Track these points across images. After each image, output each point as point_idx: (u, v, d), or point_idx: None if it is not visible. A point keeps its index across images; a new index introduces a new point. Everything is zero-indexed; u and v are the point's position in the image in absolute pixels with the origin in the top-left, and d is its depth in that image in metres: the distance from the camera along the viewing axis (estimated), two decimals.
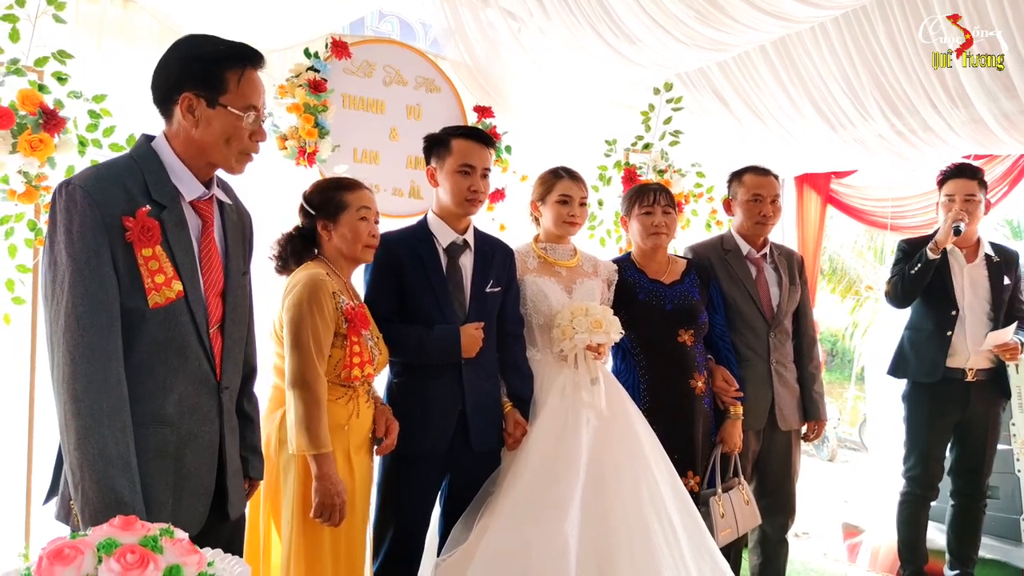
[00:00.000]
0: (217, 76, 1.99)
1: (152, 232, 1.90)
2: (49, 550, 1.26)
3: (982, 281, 4.09)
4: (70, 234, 1.84)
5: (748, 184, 3.70)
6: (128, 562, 1.25)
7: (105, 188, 1.89)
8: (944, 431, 4.14)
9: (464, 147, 3.02)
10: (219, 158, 2.04)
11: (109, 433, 1.82)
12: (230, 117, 2.00)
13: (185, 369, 1.99)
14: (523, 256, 3.29)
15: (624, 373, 3.45)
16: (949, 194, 4.04)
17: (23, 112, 2.99)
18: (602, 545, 2.82)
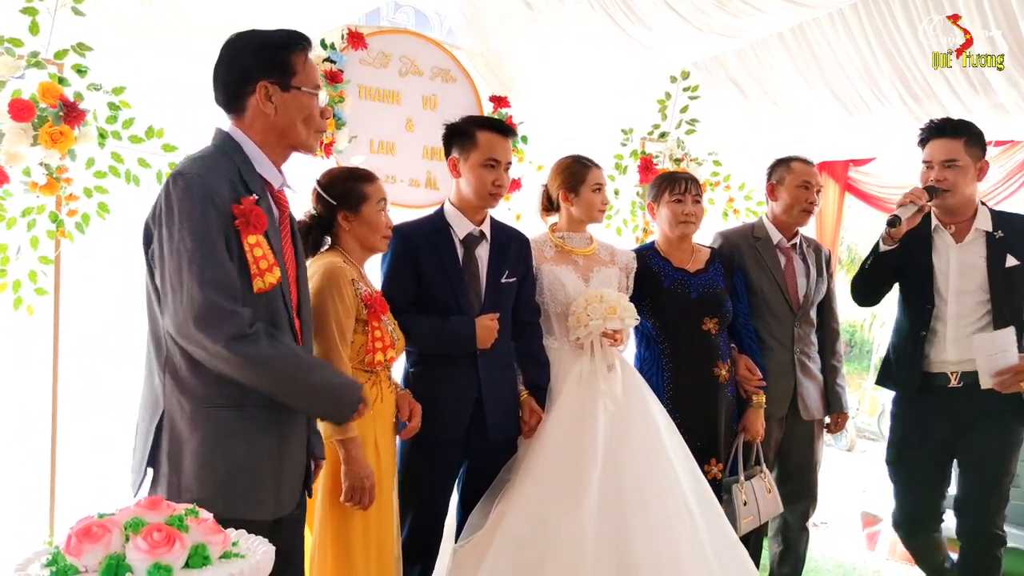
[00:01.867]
0: (286, 62, 2.11)
1: (260, 219, 2.01)
2: (78, 528, 1.28)
3: (975, 263, 3.23)
4: (193, 221, 1.92)
5: (797, 171, 3.68)
6: (155, 540, 1.26)
7: (216, 178, 1.99)
8: (933, 457, 3.33)
9: (490, 141, 3.00)
10: (299, 138, 2.16)
11: (307, 369, 2.08)
12: (304, 97, 2.12)
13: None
14: (540, 245, 3.29)
15: (648, 361, 3.46)
16: (927, 160, 3.30)
17: (43, 105, 3.01)
18: (620, 530, 2.83)
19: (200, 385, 2.00)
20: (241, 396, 2.01)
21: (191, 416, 2.00)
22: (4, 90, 2.99)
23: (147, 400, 2.08)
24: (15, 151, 2.98)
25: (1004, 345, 3.09)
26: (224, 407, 2.01)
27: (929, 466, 3.34)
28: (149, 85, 3.32)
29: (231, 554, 1.37)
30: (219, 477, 1.99)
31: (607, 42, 4.36)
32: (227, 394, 2.00)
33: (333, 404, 2.17)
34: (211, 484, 1.98)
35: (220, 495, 1.97)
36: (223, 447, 2.00)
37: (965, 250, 3.26)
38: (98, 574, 1.25)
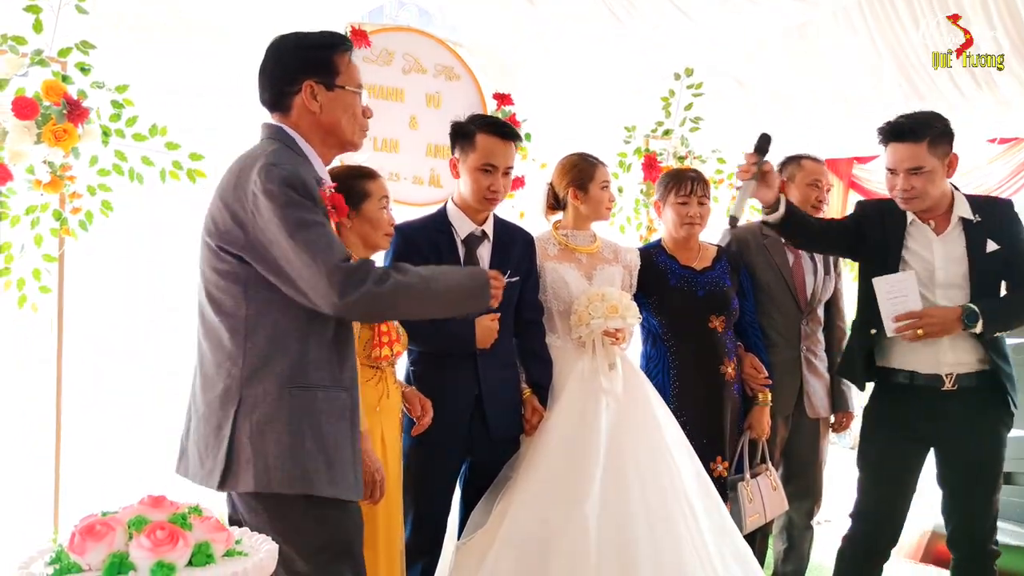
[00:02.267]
0: (330, 61, 2.19)
1: (342, 205, 2.18)
2: (81, 526, 1.28)
3: (959, 254, 2.98)
4: (302, 205, 2.01)
5: (808, 169, 3.70)
6: (158, 538, 1.27)
7: (301, 167, 2.09)
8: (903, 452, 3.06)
9: (488, 144, 3.00)
10: (345, 135, 2.23)
11: (435, 279, 2.18)
12: (348, 96, 2.20)
13: (351, 344, 2.22)
14: (543, 243, 3.29)
15: (654, 359, 3.46)
16: (891, 167, 2.98)
17: (47, 103, 3.02)
18: (622, 528, 2.83)
19: (285, 368, 2.05)
20: (323, 378, 2.09)
21: (276, 398, 2.04)
22: (8, 88, 2.99)
23: (213, 393, 2.08)
24: (19, 149, 2.99)
25: (905, 290, 2.91)
26: (308, 387, 2.07)
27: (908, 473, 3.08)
28: (149, 85, 3.31)
29: (234, 552, 1.38)
30: (308, 453, 2.04)
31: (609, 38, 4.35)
32: (311, 376, 2.07)
33: (472, 296, 2.23)
34: (302, 461, 2.03)
35: (310, 472, 2.03)
36: (309, 426, 2.05)
37: (947, 241, 2.99)
38: (101, 572, 1.25)
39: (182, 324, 3.47)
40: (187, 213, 3.47)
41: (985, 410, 2.96)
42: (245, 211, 2.03)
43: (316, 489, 2.04)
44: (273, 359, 2.06)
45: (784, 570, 3.85)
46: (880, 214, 3.10)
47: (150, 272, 3.50)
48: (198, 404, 2.13)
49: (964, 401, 2.94)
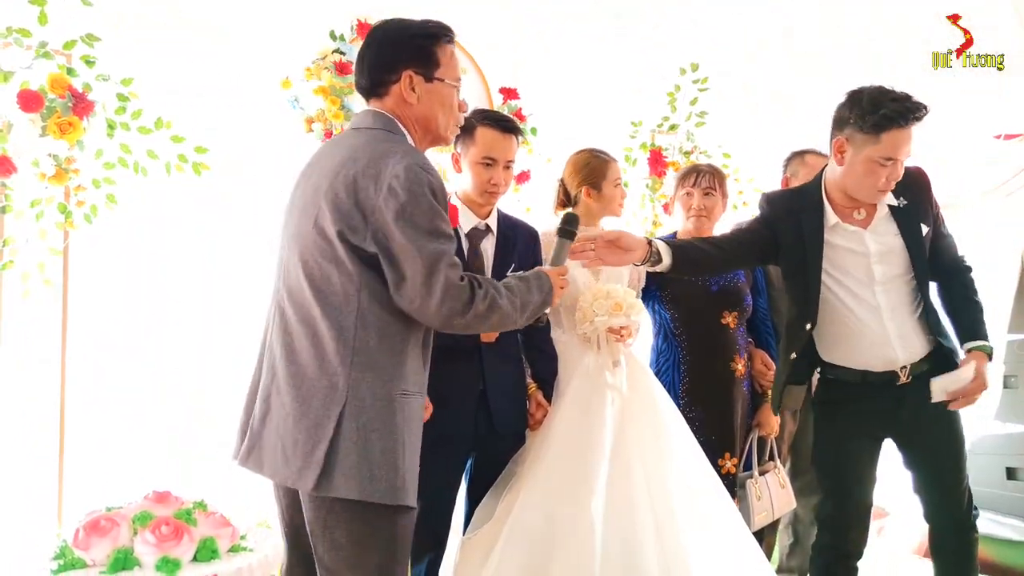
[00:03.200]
0: (431, 53, 2.16)
1: (453, 217, 2.21)
2: (86, 522, 1.27)
3: (893, 243, 2.79)
4: (439, 216, 2.01)
5: (811, 164, 3.65)
6: (163, 534, 1.26)
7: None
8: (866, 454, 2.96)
9: (488, 138, 2.97)
10: (439, 129, 2.21)
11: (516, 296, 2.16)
12: (446, 89, 2.18)
13: (426, 346, 2.18)
14: (550, 238, 3.26)
15: (665, 353, 3.45)
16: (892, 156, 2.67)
17: (52, 95, 3.02)
18: (627, 524, 2.82)
19: (394, 371, 2.02)
20: (418, 384, 2.11)
21: (386, 403, 2.00)
22: (13, 81, 2.99)
23: (311, 388, 2.01)
24: (24, 142, 2.98)
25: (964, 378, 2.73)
26: (415, 395, 2.08)
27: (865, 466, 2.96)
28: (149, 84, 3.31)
29: (239, 548, 1.37)
30: (407, 465, 2.02)
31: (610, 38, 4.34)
32: (412, 381, 2.07)
33: (544, 304, 2.24)
34: (401, 472, 2.00)
35: (406, 484, 2.00)
36: (409, 434, 2.04)
37: (878, 232, 2.80)
38: (106, 568, 1.25)
39: (186, 318, 3.48)
40: (192, 206, 3.47)
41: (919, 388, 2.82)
42: (375, 199, 1.96)
43: (408, 500, 2.01)
44: (381, 360, 2.01)
45: (790, 565, 3.84)
46: (792, 213, 2.88)
47: (154, 265, 3.49)
48: (284, 398, 2.03)
49: (918, 388, 2.81)
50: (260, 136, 3.60)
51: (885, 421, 2.89)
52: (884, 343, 2.81)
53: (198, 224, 3.49)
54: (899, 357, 2.81)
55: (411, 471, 2.04)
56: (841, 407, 2.93)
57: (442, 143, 2.29)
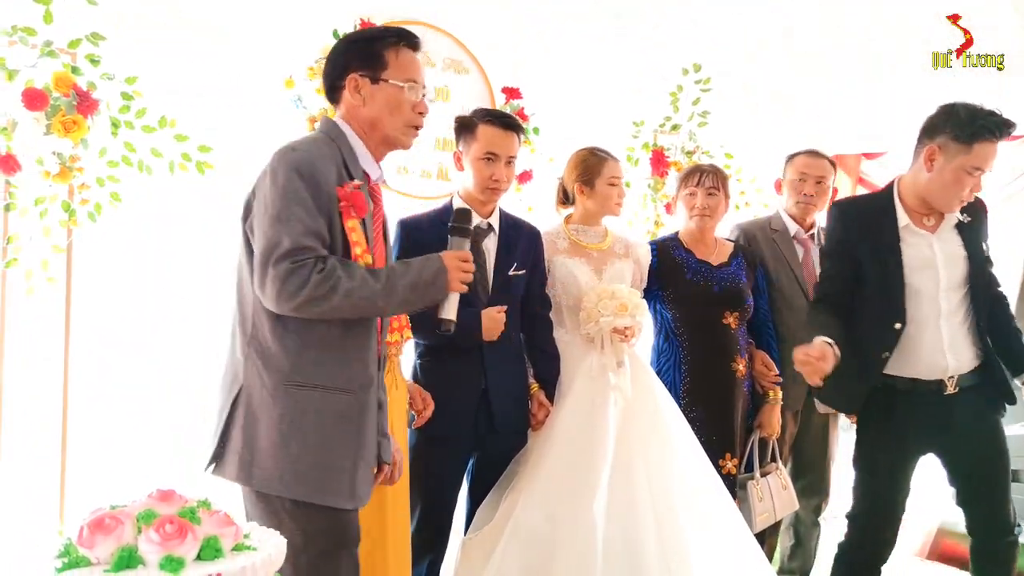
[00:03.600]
0: (377, 54, 2.15)
1: (362, 204, 2.06)
2: (90, 520, 1.28)
3: (958, 253, 2.92)
4: (296, 194, 1.98)
5: (796, 164, 3.70)
6: (167, 532, 1.27)
7: (324, 159, 2.07)
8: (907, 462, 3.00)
9: (489, 134, 2.99)
10: (387, 129, 2.18)
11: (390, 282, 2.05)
12: (392, 90, 2.15)
13: (367, 341, 2.15)
14: (553, 237, 3.28)
15: (666, 352, 3.45)
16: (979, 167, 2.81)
17: (57, 94, 3.02)
18: (629, 524, 2.83)
19: (285, 362, 2.03)
20: (324, 378, 2.05)
21: (272, 392, 2.03)
22: (18, 79, 2.99)
23: (226, 374, 2.12)
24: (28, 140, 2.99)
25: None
26: (305, 386, 2.04)
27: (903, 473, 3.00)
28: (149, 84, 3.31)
29: (243, 546, 1.38)
30: (292, 456, 2.01)
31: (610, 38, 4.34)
32: (311, 373, 2.04)
33: (430, 286, 2.11)
34: (285, 462, 2.01)
35: (291, 475, 2.00)
36: (300, 426, 2.02)
37: (944, 240, 2.92)
38: (110, 566, 1.25)
39: (190, 316, 3.48)
40: (196, 205, 3.47)
41: (986, 402, 2.95)
42: (255, 189, 2.06)
43: (294, 493, 2.01)
44: (274, 350, 2.04)
45: (791, 566, 3.84)
46: (863, 216, 2.99)
47: (158, 264, 3.50)
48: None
49: (966, 399, 2.90)
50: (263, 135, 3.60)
51: (931, 433, 2.93)
52: (937, 350, 2.88)
53: (202, 222, 3.49)
54: (949, 365, 2.88)
55: (303, 464, 2.01)
56: (888, 417, 2.95)
57: (398, 146, 2.25)
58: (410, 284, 2.06)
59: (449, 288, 2.11)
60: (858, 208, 3.10)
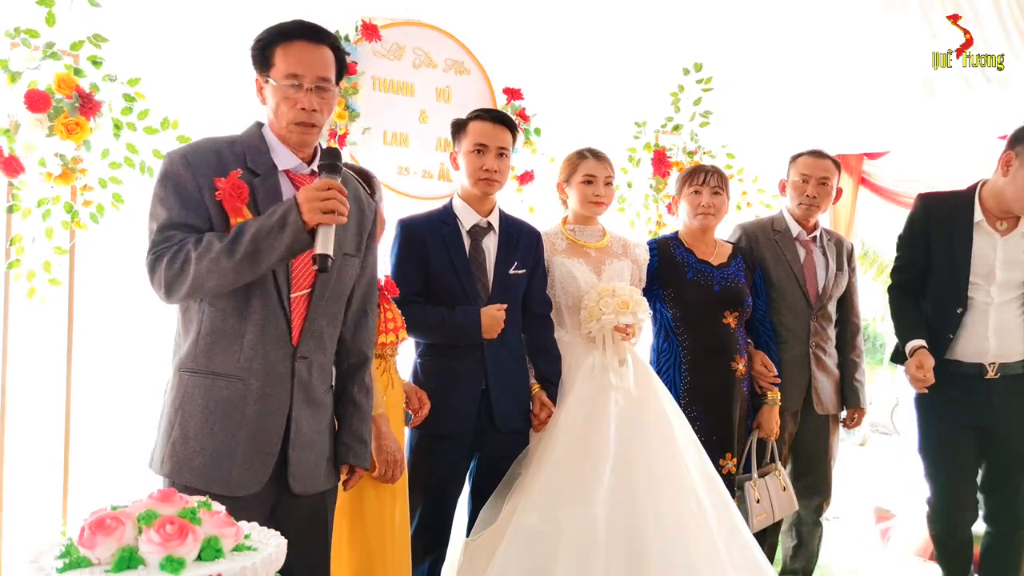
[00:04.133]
0: (267, 56, 2.14)
1: (242, 192, 2.06)
2: (91, 520, 1.28)
3: (1019, 258, 3.23)
4: (162, 193, 2.06)
5: (798, 165, 3.70)
6: (168, 533, 1.27)
7: (201, 153, 2.10)
8: (964, 438, 3.29)
9: (477, 127, 3.03)
10: (278, 129, 2.17)
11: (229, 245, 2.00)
12: (275, 89, 2.13)
13: (263, 328, 2.10)
14: (551, 238, 3.29)
15: (665, 352, 3.46)
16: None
17: (59, 96, 3.03)
18: (631, 524, 2.83)
19: (182, 349, 2.12)
20: (214, 365, 2.08)
21: (171, 381, 2.13)
22: (21, 81, 3.00)
23: None
24: (31, 141, 2.99)
25: None
26: (195, 372, 2.09)
27: (966, 454, 3.31)
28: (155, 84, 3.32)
29: (243, 547, 1.38)
30: (175, 440, 2.08)
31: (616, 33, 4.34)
32: (201, 361, 2.09)
33: (279, 227, 1.98)
34: (168, 447, 2.08)
35: (171, 458, 2.08)
36: (187, 412, 2.07)
37: (1010, 243, 3.25)
38: (111, 566, 1.26)
39: None
40: None
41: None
42: None
43: (176, 477, 2.05)
44: (178, 341, 2.15)
45: (793, 567, 3.84)
46: (946, 208, 3.32)
47: None
48: None
49: (1007, 388, 3.22)
50: None
51: (973, 415, 3.25)
52: (980, 335, 3.23)
53: None
54: (990, 349, 3.23)
55: (188, 449, 2.06)
56: (939, 400, 3.27)
57: (293, 144, 2.17)
58: (254, 232, 1.96)
59: (307, 222, 1.96)
60: (942, 200, 3.39)
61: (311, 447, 2.20)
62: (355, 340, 2.35)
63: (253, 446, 2.09)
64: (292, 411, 2.15)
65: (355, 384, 2.36)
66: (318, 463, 2.24)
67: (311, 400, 2.20)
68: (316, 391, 2.22)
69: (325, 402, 2.27)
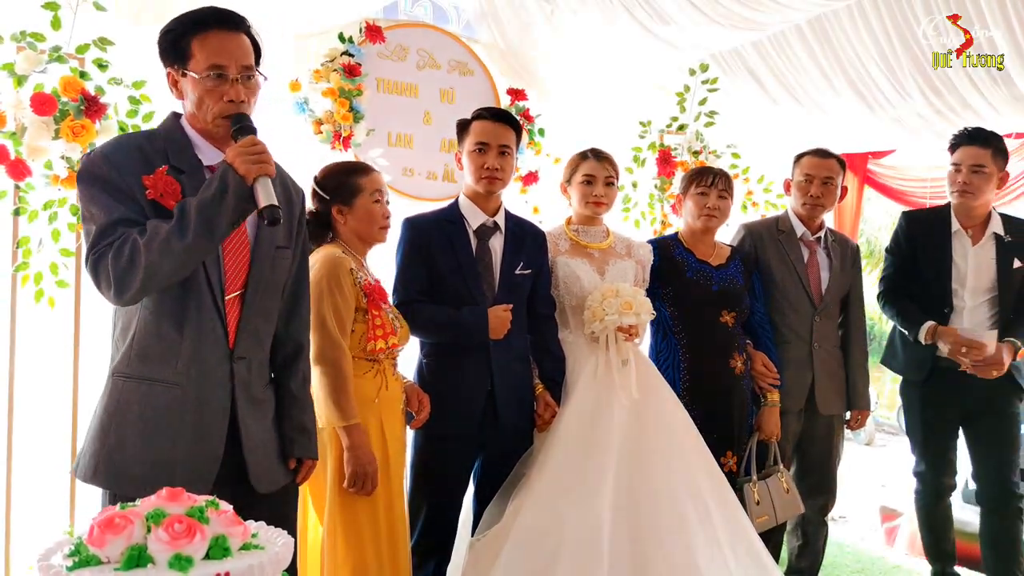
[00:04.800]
0: (184, 48, 2.05)
1: (172, 190, 1.98)
2: (100, 519, 1.29)
3: (988, 264, 3.59)
4: (87, 196, 1.97)
5: (803, 165, 3.70)
6: (176, 531, 1.28)
7: (122, 151, 2.01)
8: (945, 426, 3.71)
9: (480, 126, 3.04)
10: (202, 124, 2.09)
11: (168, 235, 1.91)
12: (195, 82, 2.04)
13: (199, 332, 2.05)
14: (555, 238, 3.29)
15: (664, 351, 3.46)
16: (956, 163, 3.59)
17: (65, 99, 3.04)
18: (634, 524, 2.83)
19: (116, 355, 2.07)
20: (149, 371, 2.02)
21: (104, 387, 2.08)
22: (27, 84, 3.01)
23: None
24: (37, 144, 3.01)
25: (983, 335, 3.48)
26: (130, 378, 2.03)
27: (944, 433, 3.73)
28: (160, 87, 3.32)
29: (251, 545, 1.39)
30: (110, 447, 2.02)
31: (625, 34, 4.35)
32: (135, 367, 2.03)
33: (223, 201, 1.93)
34: (100, 454, 2.02)
35: (106, 465, 2.01)
36: (122, 420, 2.02)
37: (980, 251, 3.60)
38: (120, 564, 1.27)
39: None
40: None
41: (999, 387, 3.55)
42: None
43: (110, 485, 2.01)
44: (113, 346, 2.09)
45: (799, 566, 3.84)
46: (927, 224, 3.70)
47: None
48: None
49: (983, 382, 3.50)
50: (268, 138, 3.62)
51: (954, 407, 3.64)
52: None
53: None
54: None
55: (124, 456, 2.00)
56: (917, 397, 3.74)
57: (218, 139, 2.10)
58: (198, 204, 1.91)
59: (245, 175, 1.93)
60: (923, 214, 3.89)
61: (264, 445, 2.19)
62: (288, 329, 2.31)
63: (195, 452, 2.05)
64: (237, 413, 2.12)
65: (291, 375, 2.31)
66: (272, 459, 2.22)
67: (253, 399, 2.17)
68: (256, 389, 2.19)
69: (267, 398, 2.24)
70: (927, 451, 3.78)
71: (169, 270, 1.92)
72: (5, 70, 2.99)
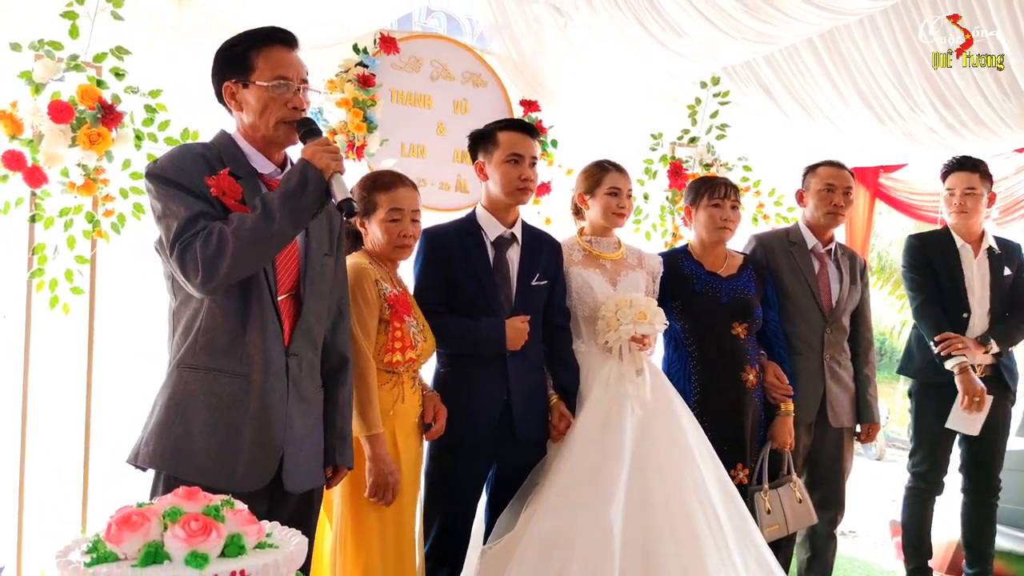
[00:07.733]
0: (245, 60, 2.18)
1: (235, 190, 2.10)
2: (117, 517, 1.30)
3: (986, 274, 3.97)
4: (161, 195, 2.07)
5: (822, 175, 3.70)
6: (192, 529, 1.29)
7: (187, 157, 2.14)
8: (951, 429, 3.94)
9: (511, 138, 3.03)
10: (261, 131, 2.20)
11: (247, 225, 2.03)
12: (261, 91, 2.17)
13: (262, 326, 2.14)
14: (568, 249, 3.30)
15: (676, 363, 3.45)
16: (950, 188, 3.97)
17: (82, 107, 3.07)
18: (646, 532, 2.83)
19: (181, 345, 2.13)
20: (214, 362, 2.11)
21: (167, 375, 2.15)
22: (44, 92, 3.04)
23: None
24: (54, 152, 3.03)
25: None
26: (196, 368, 2.11)
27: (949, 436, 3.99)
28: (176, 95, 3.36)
29: (265, 544, 1.40)
30: (179, 436, 2.08)
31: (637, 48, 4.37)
32: (200, 358, 2.11)
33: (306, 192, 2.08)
34: (167, 441, 2.08)
35: (170, 454, 2.07)
36: (187, 408, 2.09)
37: (980, 264, 3.97)
38: (137, 561, 1.28)
39: None
40: None
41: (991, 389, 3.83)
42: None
43: (175, 471, 2.06)
44: (173, 338, 2.17)
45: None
46: (937, 243, 4.03)
47: None
48: None
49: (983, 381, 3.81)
50: None
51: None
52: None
53: None
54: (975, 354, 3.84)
55: (191, 444, 2.07)
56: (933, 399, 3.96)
57: (279, 143, 2.24)
58: (281, 195, 2.05)
59: (324, 169, 2.09)
60: (930, 234, 4.17)
61: (301, 444, 2.23)
62: (334, 342, 2.40)
63: (258, 441, 2.12)
64: (287, 407, 2.19)
65: (339, 384, 2.40)
66: (308, 460, 2.26)
67: (302, 397, 2.24)
68: (307, 388, 2.26)
69: (315, 399, 2.31)
70: (934, 452, 4.01)
71: (255, 257, 2.05)
72: (23, 78, 3.02)
